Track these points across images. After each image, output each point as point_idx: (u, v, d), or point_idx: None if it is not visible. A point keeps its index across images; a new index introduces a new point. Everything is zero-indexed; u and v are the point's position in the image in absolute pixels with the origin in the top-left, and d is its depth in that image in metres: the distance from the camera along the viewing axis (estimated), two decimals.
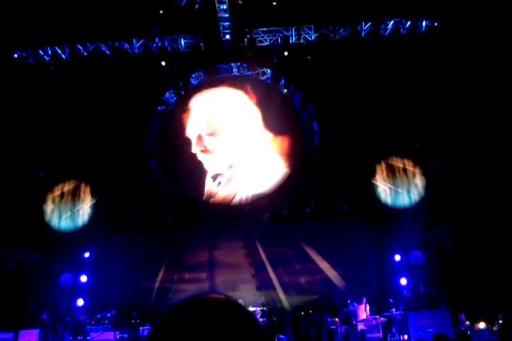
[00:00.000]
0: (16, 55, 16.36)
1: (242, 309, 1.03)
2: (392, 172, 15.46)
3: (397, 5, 15.35)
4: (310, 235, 15.42)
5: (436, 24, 15.53)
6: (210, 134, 16.28)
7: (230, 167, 16.08)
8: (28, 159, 15.76)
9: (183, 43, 16.65)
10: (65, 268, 14.98)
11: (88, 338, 12.59)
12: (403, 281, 13.69)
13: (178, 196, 16.43)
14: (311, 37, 16.41)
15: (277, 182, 16.09)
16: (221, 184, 16.04)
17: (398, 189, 15.19)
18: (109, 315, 13.51)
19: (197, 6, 15.58)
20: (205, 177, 16.20)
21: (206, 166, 16.16)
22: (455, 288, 12.97)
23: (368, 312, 12.28)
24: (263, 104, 16.52)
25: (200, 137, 16.25)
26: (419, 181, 15.14)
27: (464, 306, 12.37)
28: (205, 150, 16.16)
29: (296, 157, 16.29)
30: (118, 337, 12.62)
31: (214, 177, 16.09)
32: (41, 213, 15.75)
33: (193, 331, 0.95)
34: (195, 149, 16.20)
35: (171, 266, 15.55)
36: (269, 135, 16.28)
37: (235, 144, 16.14)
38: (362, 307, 12.36)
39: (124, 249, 15.58)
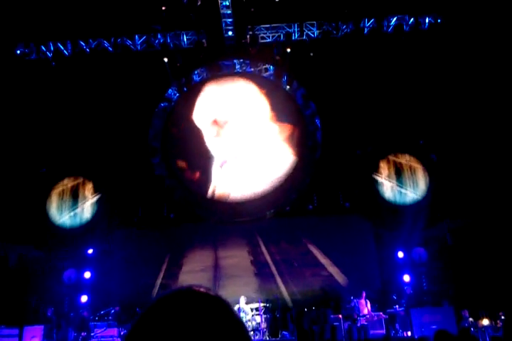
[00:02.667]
0: (18, 51, 16.33)
1: (225, 305, 1.03)
2: (394, 168, 15.49)
3: (400, 1, 15.35)
4: (313, 231, 15.48)
5: (439, 21, 15.50)
6: (220, 124, 16.31)
7: (235, 159, 16.11)
8: (30, 155, 15.78)
9: (185, 40, 16.63)
10: (69, 264, 15.03)
11: (92, 334, 12.61)
12: (406, 278, 13.71)
13: (180, 192, 16.45)
14: (313, 33, 16.37)
15: (281, 178, 16.14)
16: (225, 175, 16.08)
17: (400, 185, 15.22)
18: (113, 311, 13.54)
19: (199, 3, 15.56)
20: (208, 173, 16.25)
21: (214, 155, 16.24)
22: (458, 285, 13.03)
23: (369, 308, 12.35)
24: (268, 98, 16.60)
25: (212, 124, 16.27)
26: (421, 178, 15.18)
27: (468, 303, 12.39)
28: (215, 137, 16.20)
29: (299, 153, 16.31)
30: (122, 333, 12.64)
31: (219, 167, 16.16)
32: (44, 209, 15.78)
33: (172, 325, 0.95)
34: (208, 136, 16.23)
35: (173, 262, 15.60)
36: (274, 129, 16.32)
37: (243, 135, 16.19)
38: (362, 301, 12.45)
39: (127, 246, 15.60)
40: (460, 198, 13.90)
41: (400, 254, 14.07)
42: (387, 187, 15.28)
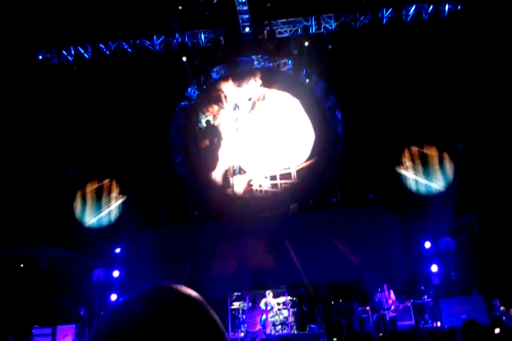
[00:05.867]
0: (40, 57, 16.61)
1: (195, 303, 0.96)
2: (418, 159, 15.22)
3: None
4: (337, 225, 15.34)
5: (459, 8, 15.19)
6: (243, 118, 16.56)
7: (256, 157, 16.17)
8: (56, 158, 16.05)
9: (203, 38, 16.69)
10: (97, 264, 15.22)
11: None
12: (434, 268, 13.46)
13: (203, 190, 16.53)
14: (331, 26, 16.24)
15: (303, 171, 16.11)
16: (247, 172, 16.14)
17: (425, 176, 14.94)
18: None
19: (215, 1, 15.60)
20: (229, 169, 16.33)
21: (232, 157, 16.30)
22: (488, 274, 12.76)
23: (394, 298, 12.19)
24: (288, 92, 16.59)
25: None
26: (446, 167, 14.88)
27: (498, 292, 12.11)
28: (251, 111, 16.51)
29: (320, 146, 16.24)
30: None
31: (239, 168, 16.23)
32: (72, 210, 16.02)
33: (139, 325, 0.89)
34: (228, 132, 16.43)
35: (199, 258, 15.63)
36: (296, 122, 16.30)
37: (264, 129, 16.31)
38: (386, 294, 12.29)
39: (153, 244, 15.76)
40: (487, 187, 13.60)
41: (427, 244, 13.80)
42: (412, 178, 15.03)
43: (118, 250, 15.38)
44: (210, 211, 16.24)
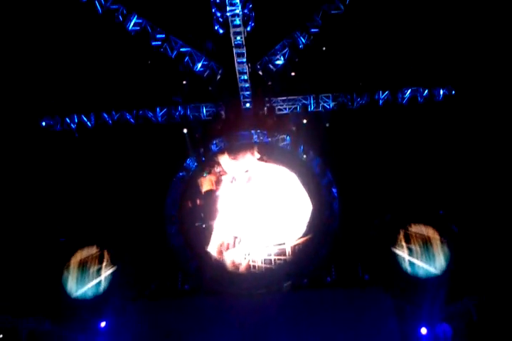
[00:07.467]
0: (44, 123, 16.95)
1: None
2: (414, 240, 15.09)
3: (415, 74, 15.75)
4: (331, 305, 14.82)
5: (453, 92, 15.78)
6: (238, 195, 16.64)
7: (251, 231, 16.09)
8: (51, 225, 15.91)
9: (204, 111, 17.15)
10: (81, 338, 14.58)
11: None
12: None
13: (195, 263, 16.22)
14: (329, 105, 16.79)
15: (298, 248, 15.91)
16: (241, 246, 15.98)
17: (421, 257, 14.75)
18: None
19: (218, 77, 16.22)
20: (224, 243, 16.13)
21: (227, 230, 16.20)
22: None
23: None
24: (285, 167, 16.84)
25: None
26: (442, 250, 14.71)
27: None
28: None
29: (316, 223, 16.15)
30: None
31: (233, 242, 16.07)
32: (57, 281, 15.56)
33: None
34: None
35: (187, 336, 14.99)
36: (292, 197, 16.36)
37: (260, 203, 16.35)
38: None
39: (140, 319, 15.12)
40: (484, 272, 13.37)
41: (423, 330, 13.36)
42: (407, 259, 14.82)
43: (103, 324, 14.81)
44: (201, 285, 15.81)
